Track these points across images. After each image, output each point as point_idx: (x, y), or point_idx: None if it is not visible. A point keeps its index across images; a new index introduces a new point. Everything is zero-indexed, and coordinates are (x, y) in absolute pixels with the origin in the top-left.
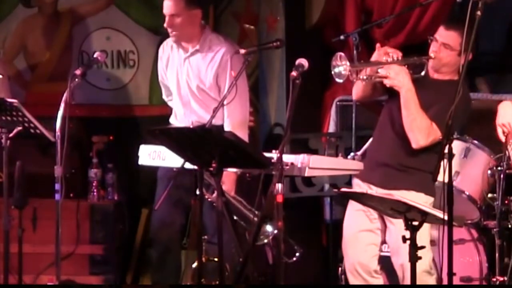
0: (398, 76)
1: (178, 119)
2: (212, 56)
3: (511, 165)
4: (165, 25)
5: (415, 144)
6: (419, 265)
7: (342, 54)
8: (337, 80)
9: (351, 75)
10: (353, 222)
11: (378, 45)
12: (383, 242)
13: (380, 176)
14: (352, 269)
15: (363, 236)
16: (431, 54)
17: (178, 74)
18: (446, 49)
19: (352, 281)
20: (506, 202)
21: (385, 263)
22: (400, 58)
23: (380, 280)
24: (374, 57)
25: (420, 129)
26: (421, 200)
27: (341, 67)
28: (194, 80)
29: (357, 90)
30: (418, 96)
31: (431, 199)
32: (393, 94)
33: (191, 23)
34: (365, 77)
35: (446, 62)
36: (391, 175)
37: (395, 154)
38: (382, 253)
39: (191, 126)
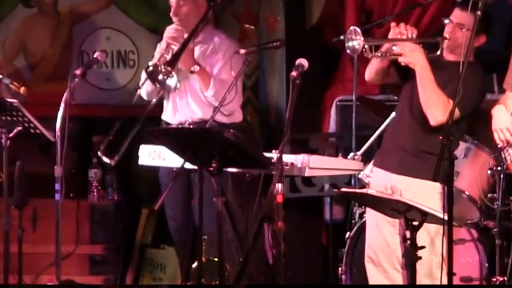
0: (412, 53)
1: (175, 117)
2: (212, 46)
3: (510, 169)
4: (171, 13)
5: (433, 121)
6: (432, 258)
7: (357, 28)
8: (351, 54)
9: (365, 51)
10: (375, 213)
11: (393, 24)
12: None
13: (397, 162)
14: (375, 257)
15: (386, 226)
16: (446, 35)
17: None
18: (460, 29)
19: (370, 270)
20: (506, 202)
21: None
22: (415, 36)
23: (399, 276)
24: (389, 36)
25: (437, 105)
26: (437, 189)
27: (355, 41)
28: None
29: (370, 72)
30: (433, 76)
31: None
32: (408, 78)
33: (197, 13)
34: (379, 54)
35: (461, 42)
36: (407, 162)
37: (412, 138)
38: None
39: (191, 126)
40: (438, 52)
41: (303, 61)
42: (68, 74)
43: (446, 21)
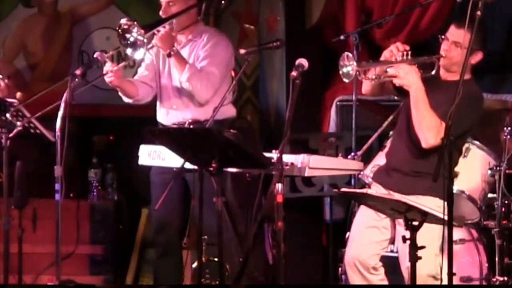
0: (407, 76)
1: (168, 117)
2: (200, 42)
3: None
4: (160, 13)
5: (424, 143)
6: (426, 268)
7: (349, 54)
8: (345, 80)
9: (359, 74)
10: (362, 218)
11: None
12: (392, 239)
13: (396, 182)
14: (351, 264)
15: (367, 233)
16: (442, 53)
17: (169, 67)
18: (457, 47)
19: (351, 275)
20: (506, 202)
21: (388, 262)
22: (409, 55)
23: (378, 276)
24: (383, 56)
25: (429, 128)
26: (435, 204)
27: (348, 67)
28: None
29: (366, 87)
30: (428, 96)
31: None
32: (405, 94)
33: (187, 12)
34: (374, 77)
35: (457, 60)
36: (405, 181)
37: (408, 160)
38: (385, 253)
39: (191, 126)
40: (434, 72)
41: (303, 61)
42: (68, 74)
43: (442, 37)
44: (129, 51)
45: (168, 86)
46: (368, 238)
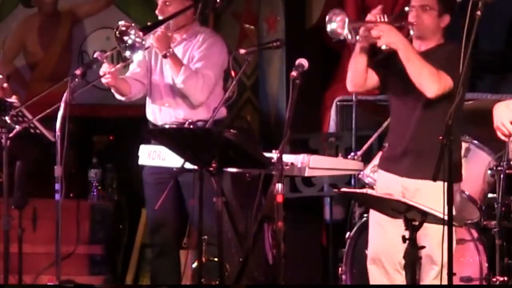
0: (391, 33)
1: (159, 115)
2: (195, 43)
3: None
4: (156, 11)
5: (429, 93)
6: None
7: (338, 10)
8: (332, 36)
9: (347, 35)
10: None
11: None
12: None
13: (404, 166)
14: (376, 260)
15: (392, 226)
16: (412, 20)
17: (162, 64)
18: (425, 11)
19: (373, 271)
20: (506, 202)
21: None
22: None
23: (402, 278)
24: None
25: (429, 76)
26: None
27: (336, 23)
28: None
29: (351, 77)
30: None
31: (457, 185)
32: (392, 85)
33: (183, 13)
34: (359, 38)
35: (428, 23)
36: (414, 165)
37: (415, 140)
38: None
39: (191, 126)
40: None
41: (303, 61)
42: (68, 74)
43: (407, 9)
44: (127, 53)
45: (159, 84)
46: (392, 230)
